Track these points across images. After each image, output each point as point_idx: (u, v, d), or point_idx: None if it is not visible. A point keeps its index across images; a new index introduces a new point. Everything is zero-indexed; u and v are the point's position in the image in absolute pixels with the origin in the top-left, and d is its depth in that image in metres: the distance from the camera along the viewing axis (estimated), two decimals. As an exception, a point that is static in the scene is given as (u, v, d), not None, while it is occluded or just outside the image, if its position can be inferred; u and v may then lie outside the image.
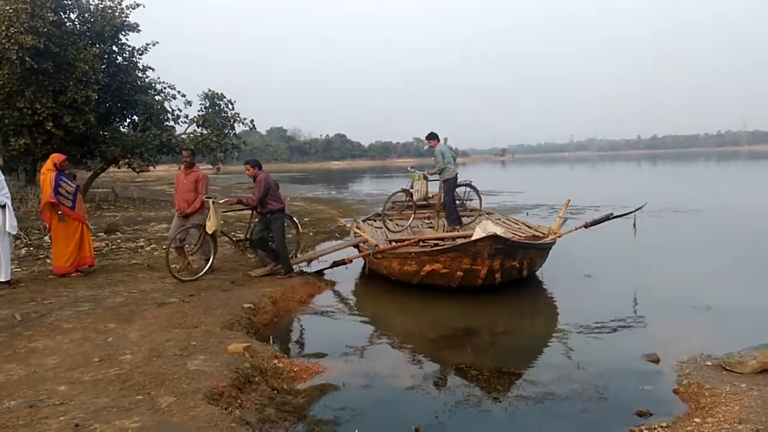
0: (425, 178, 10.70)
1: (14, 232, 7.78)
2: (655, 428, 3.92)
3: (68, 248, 8.39)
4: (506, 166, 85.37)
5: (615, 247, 11.57)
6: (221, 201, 8.58)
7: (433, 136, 10.56)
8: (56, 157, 8.64)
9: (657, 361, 5.28)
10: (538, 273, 8.97)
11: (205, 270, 8.52)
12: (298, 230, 10.01)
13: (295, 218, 10.03)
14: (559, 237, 8.99)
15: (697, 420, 3.95)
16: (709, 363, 5.05)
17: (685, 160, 76.87)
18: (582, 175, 49.77)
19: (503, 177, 50.64)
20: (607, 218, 9.00)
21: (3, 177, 7.88)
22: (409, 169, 11.23)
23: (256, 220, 8.94)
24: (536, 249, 8.29)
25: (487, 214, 12.32)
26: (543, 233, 9.47)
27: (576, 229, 9.12)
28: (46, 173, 8.43)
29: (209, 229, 8.27)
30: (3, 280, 7.69)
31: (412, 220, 10.98)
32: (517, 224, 10.93)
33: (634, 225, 12.39)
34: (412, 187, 10.79)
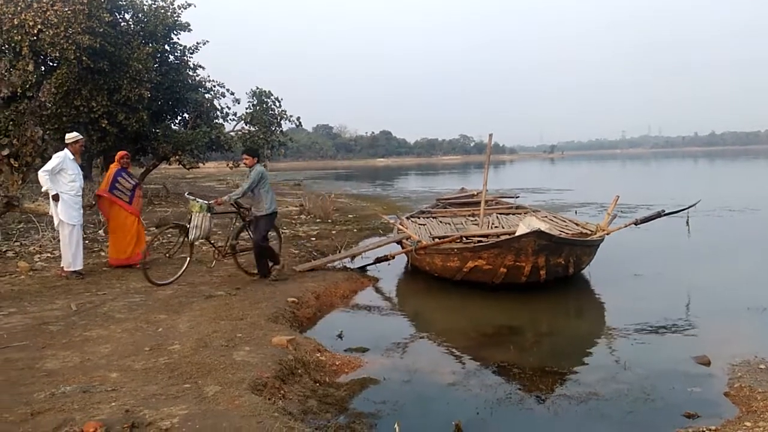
0: (209, 209, 7.55)
1: (71, 222, 8.06)
2: (702, 431, 3.81)
3: (125, 241, 8.71)
4: (555, 164, 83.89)
5: (667, 246, 11.22)
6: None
7: (253, 152, 8.21)
8: (118, 154, 9.05)
9: (707, 363, 5.12)
10: (585, 271, 8.79)
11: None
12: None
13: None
14: (607, 234, 8.79)
15: (747, 424, 3.82)
16: (762, 366, 4.87)
17: (745, 158, 73.92)
18: (634, 173, 48.45)
19: (551, 174, 49.75)
20: (659, 215, 8.77)
21: (78, 171, 8.27)
22: (187, 196, 8.09)
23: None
24: (583, 246, 8.14)
25: (534, 211, 12.14)
26: (590, 230, 9.28)
27: (625, 226, 8.91)
28: (111, 168, 8.92)
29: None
30: (70, 269, 8.01)
31: (183, 273, 7.88)
32: (564, 221, 10.73)
33: (688, 223, 12.04)
34: (189, 222, 7.66)
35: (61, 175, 7.99)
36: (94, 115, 15.47)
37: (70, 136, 8.31)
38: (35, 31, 13.69)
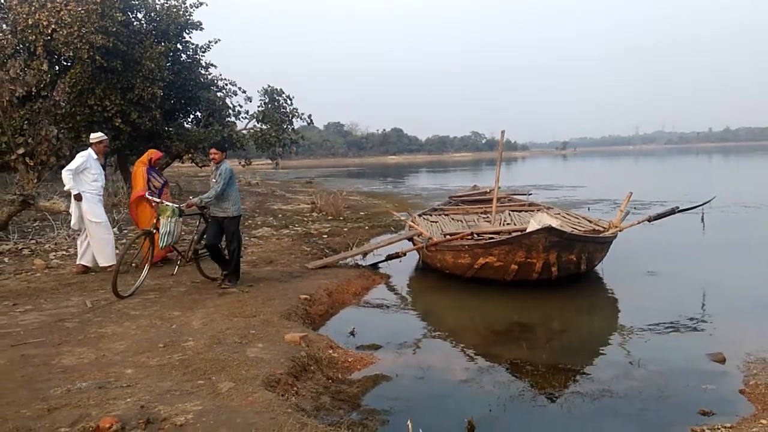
0: (180, 213, 7.18)
1: (98, 220, 8.14)
2: (718, 428, 3.78)
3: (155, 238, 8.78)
4: (567, 160, 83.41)
5: (681, 243, 11.12)
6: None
7: (221, 147, 7.59)
8: (153, 153, 9.06)
9: (723, 360, 5.08)
10: (597, 268, 8.75)
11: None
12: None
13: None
14: (620, 231, 8.74)
15: (763, 421, 3.79)
16: (779, 364, 4.82)
17: (760, 153, 73.07)
18: (648, 169, 48.07)
19: (564, 171, 49.48)
20: (672, 212, 8.70)
21: (100, 170, 8.36)
22: (147, 196, 7.86)
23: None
24: (595, 243, 8.09)
25: (546, 208, 12.09)
26: (603, 227, 9.23)
27: (638, 222, 8.85)
28: (139, 167, 8.86)
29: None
30: (107, 264, 8.09)
31: (143, 280, 7.23)
32: (577, 218, 10.68)
33: (702, 220, 11.91)
34: (156, 228, 7.17)
35: (84, 175, 8.08)
36: (108, 114, 15.59)
37: (95, 136, 8.37)
38: (49, 31, 13.81)
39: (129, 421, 3.51)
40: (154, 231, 7.18)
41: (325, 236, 12.17)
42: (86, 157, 8.15)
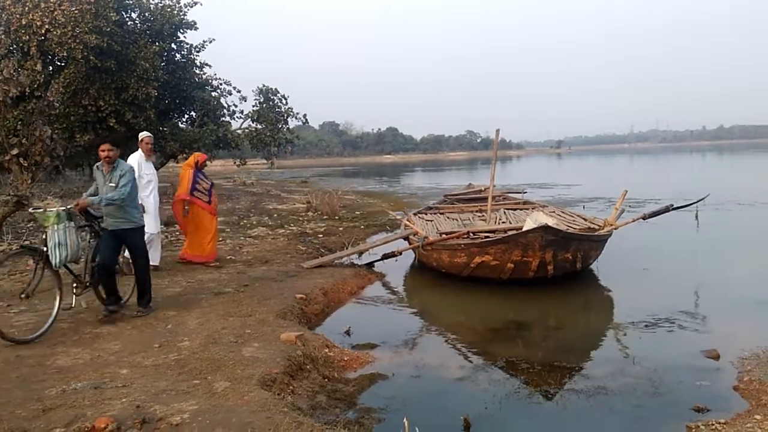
0: (70, 217, 5.56)
1: (151, 232, 7.87)
2: (712, 425, 3.80)
3: (205, 239, 8.81)
4: (562, 159, 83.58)
5: (676, 240, 11.16)
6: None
7: (117, 142, 6.20)
8: (199, 156, 9.09)
9: (717, 357, 5.10)
10: (593, 266, 8.77)
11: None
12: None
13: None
14: (615, 229, 8.76)
15: (758, 417, 3.81)
16: (773, 360, 4.85)
17: (754, 151, 73.38)
18: (642, 168, 48.21)
19: (559, 170, 49.59)
20: (667, 210, 8.74)
21: (153, 171, 8.24)
22: (31, 211, 5.81)
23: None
24: (590, 241, 8.11)
25: (542, 206, 12.11)
26: (598, 225, 9.25)
27: (633, 220, 8.89)
28: (186, 170, 8.90)
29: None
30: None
31: (55, 317, 5.53)
32: (572, 216, 10.71)
33: (697, 217, 11.98)
34: (45, 242, 5.40)
35: (138, 180, 7.97)
36: (102, 114, 15.56)
37: (142, 135, 8.20)
38: (43, 31, 13.77)
39: (125, 421, 3.50)
40: (44, 248, 5.40)
41: (321, 235, 12.17)
42: (138, 161, 7.96)
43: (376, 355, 5.49)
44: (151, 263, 7.90)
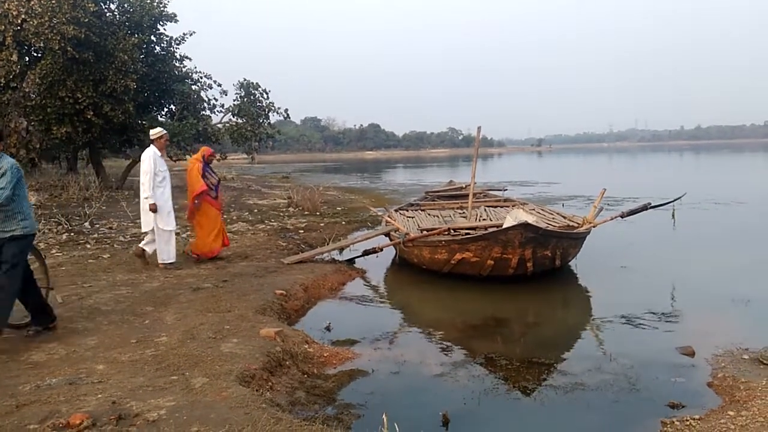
0: None
1: (167, 229, 8.02)
2: (687, 420, 3.86)
3: (212, 234, 8.72)
4: (543, 157, 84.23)
5: (653, 238, 11.32)
6: None
7: None
8: (206, 150, 8.97)
9: (692, 354, 5.18)
10: (571, 264, 8.85)
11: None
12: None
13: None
14: (593, 227, 8.85)
15: (731, 413, 3.87)
16: (746, 357, 4.94)
17: (730, 151, 74.61)
18: (621, 166, 48.79)
19: (539, 168, 49.96)
20: (645, 208, 8.84)
21: (166, 167, 8.19)
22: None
23: None
24: (569, 238, 8.18)
25: (522, 204, 12.19)
26: (577, 223, 9.34)
27: (612, 218, 8.98)
28: (195, 163, 8.74)
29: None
30: (167, 261, 8.10)
31: None
32: (551, 214, 10.79)
33: (673, 216, 12.15)
34: None
35: (154, 177, 7.91)
36: (80, 106, 15.32)
37: (155, 132, 8.13)
38: (19, 21, 13.52)
39: (100, 417, 3.45)
40: None
41: (302, 231, 12.13)
42: (153, 156, 7.90)
43: (356, 351, 5.48)
44: (168, 260, 8.01)
